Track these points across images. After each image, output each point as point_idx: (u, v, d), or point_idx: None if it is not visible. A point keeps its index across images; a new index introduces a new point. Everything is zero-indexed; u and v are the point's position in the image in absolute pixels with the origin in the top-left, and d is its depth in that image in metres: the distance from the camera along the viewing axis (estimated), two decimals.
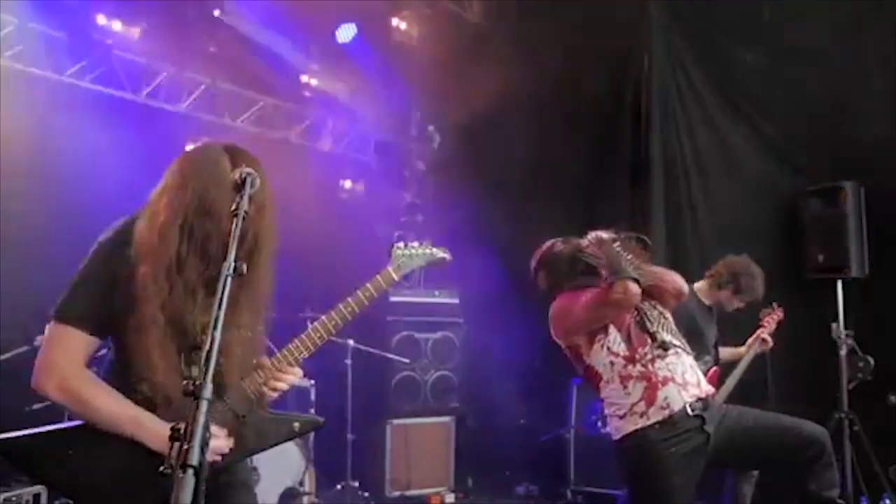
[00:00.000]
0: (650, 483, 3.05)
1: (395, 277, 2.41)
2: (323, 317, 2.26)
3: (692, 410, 3.01)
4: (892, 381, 5.01)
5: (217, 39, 5.54)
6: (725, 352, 4.59)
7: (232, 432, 2.09)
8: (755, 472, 4.15)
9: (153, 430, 1.94)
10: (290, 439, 2.32)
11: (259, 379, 2.13)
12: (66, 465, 1.96)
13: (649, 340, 3.09)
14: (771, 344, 4.63)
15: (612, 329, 3.11)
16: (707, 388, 3.15)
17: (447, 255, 2.57)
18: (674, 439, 2.99)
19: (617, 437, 3.11)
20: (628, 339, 3.10)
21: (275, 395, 2.19)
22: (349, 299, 2.28)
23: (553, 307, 3.28)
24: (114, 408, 1.96)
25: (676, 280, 3.25)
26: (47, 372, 1.97)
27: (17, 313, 4.28)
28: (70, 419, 2.07)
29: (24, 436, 1.98)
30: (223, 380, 2.06)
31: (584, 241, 3.24)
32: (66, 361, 1.96)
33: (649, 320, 3.14)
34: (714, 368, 4.38)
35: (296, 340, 2.20)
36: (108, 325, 2.02)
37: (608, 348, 3.12)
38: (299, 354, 2.19)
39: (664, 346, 3.09)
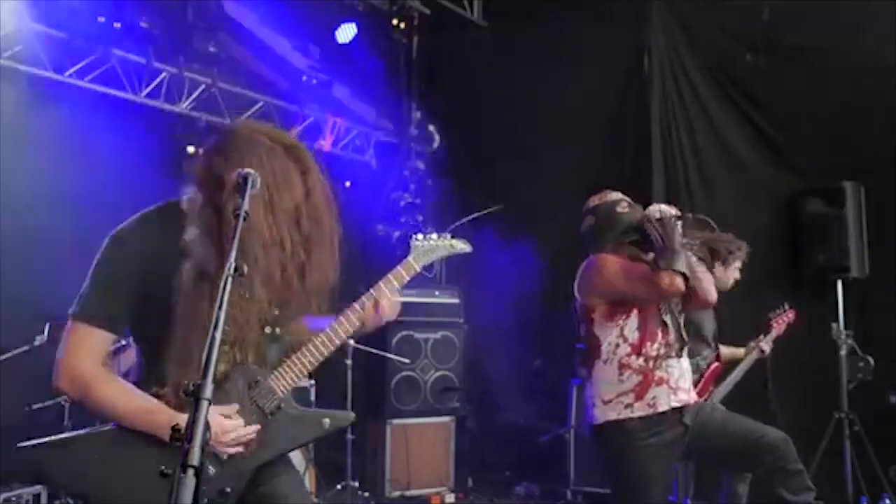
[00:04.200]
0: (629, 471, 3.07)
1: (417, 268, 2.38)
2: (346, 310, 2.21)
3: (672, 413, 3.08)
4: (892, 381, 5.02)
5: (217, 39, 5.54)
6: (725, 351, 4.58)
7: (260, 431, 2.03)
8: (748, 473, 4.16)
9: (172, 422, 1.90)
10: (320, 437, 2.22)
11: (289, 374, 2.08)
12: (88, 472, 1.92)
13: (660, 336, 3.09)
14: (768, 352, 4.60)
15: (633, 314, 3.09)
16: (693, 397, 3.19)
17: (468, 248, 2.56)
18: (653, 429, 3.04)
19: (596, 421, 3.14)
20: (642, 329, 3.09)
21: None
22: (371, 290, 2.26)
23: (589, 262, 3.22)
24: (130, 402, 1.92)
25: (709, 288, 3.20)
26: (62, 372, 1.95)
27: (17, 313, 4.28)
28: (71, 419, 2.05)
29: (45, 443, 1.94)
30: (255, 377, 2.04)
31: (650, 213, 3.13)
32: (80, 360, 1.94)
33: (676, 318, 3.13)
34: (715, 364, 4.36)
35: (321, 334, 2.15)
36: (126, 322, 1.99)
37: (622, 331, 3.10)
38: (325, 349, 2.14)
39: (681, 349, 3.11)
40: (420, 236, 2.45)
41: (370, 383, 5.86)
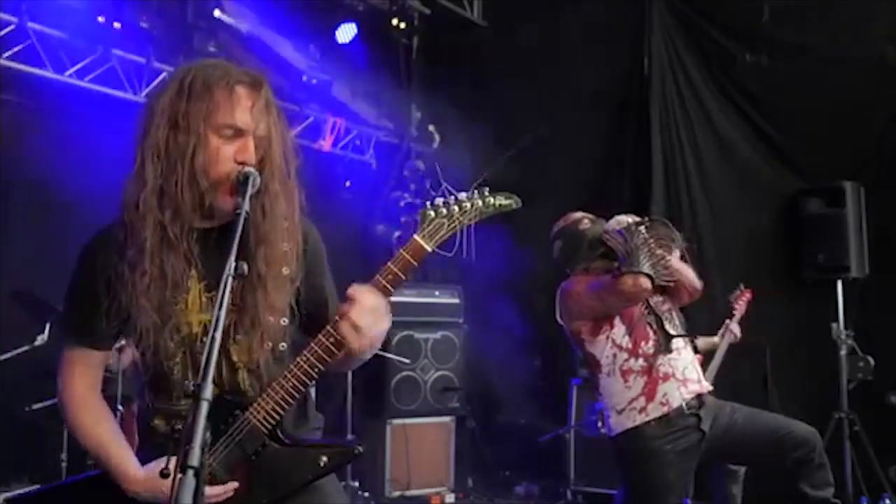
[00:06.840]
0: (645, 477, 3.08)
1: (428, 248, 1.75)
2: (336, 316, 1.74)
3: (688, 409, 3.05)
4: (892, 381, 5.02)
5: (217, 39, 5.53)
6: (701, 342, 4.44)
7: (242, 475, 1.72)
8: (741, 472, 4.13)
9: (125, 475, 1.73)
10: (316, 479, 1.79)
11: (269, 404, 1.72)
12: None
13: (652, 335, 3.10)
14: (739, 335, 4.35)
15: (617, 322, 3.11)
16: (706, 385, 3.16)
17: (513, 202, 1.82)
18: (670, 436, 3.03)
19: (614, 432, 3.14)
20: (631, 333, 3.10)
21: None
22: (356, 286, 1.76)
23: (562, 287, 3.26)
24: (94, 439, 1.79)
25: (692, 278, 3.25)
26: (57, 392, 1.86)
27: (17, 313, 4.27)
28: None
29: (34, 493, 1.89)
30: (231, 409, 1.75)
31: (609, 225, 3.19)
32: (66, 385, 1.84)
33: (657, 315, 3.14)
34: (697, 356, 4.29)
35: (305, 352, 1.75)
36: (111, 336, 1.86)
37: (613, 341, 3.12)
38: (313, 369, 1.75)
39: (668, 343, 3.10)
40: (439, 202, 1.75)
41: (370, 383, 5.85)
